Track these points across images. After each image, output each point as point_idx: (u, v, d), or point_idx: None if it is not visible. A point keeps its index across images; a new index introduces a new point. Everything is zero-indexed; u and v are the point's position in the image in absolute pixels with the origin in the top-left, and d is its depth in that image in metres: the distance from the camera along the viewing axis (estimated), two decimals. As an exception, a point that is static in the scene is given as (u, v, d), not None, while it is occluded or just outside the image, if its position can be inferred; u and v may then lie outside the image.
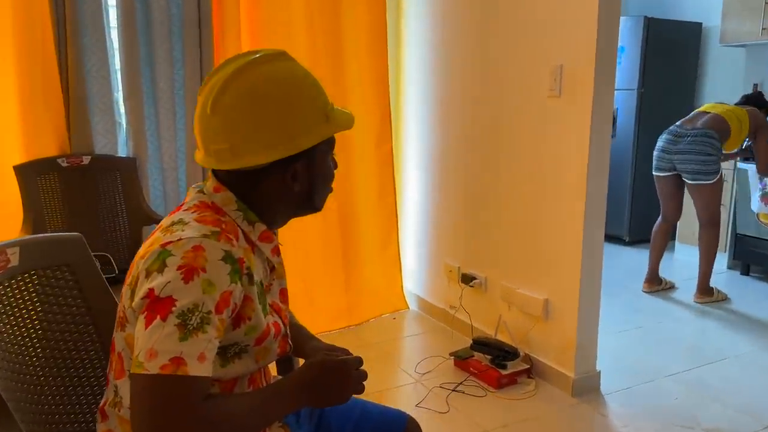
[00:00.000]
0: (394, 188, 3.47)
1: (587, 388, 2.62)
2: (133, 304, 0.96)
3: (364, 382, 1.12)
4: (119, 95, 2.89)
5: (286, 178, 1.08)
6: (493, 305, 3.01)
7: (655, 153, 3.80)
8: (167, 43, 2.88)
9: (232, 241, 1.01)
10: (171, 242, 0.97)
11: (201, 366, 0.91)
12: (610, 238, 5.21)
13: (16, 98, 2.67)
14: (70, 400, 1.25)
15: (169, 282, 0.93)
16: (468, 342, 2.89)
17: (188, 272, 0.93)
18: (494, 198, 2.95)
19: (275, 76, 1.05)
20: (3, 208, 2.65)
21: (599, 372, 2.67)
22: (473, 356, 2.82)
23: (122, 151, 2.90)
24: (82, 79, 2.77)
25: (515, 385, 2.68)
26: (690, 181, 3.66)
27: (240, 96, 1.03)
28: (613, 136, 4.95)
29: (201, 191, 1.11)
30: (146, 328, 0.91)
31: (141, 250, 1.03)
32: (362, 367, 1.13)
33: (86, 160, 2.79)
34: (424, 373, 2.80)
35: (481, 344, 2.81)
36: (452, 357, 2.87)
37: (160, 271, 0.94)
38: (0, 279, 1.17)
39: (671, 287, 3.98)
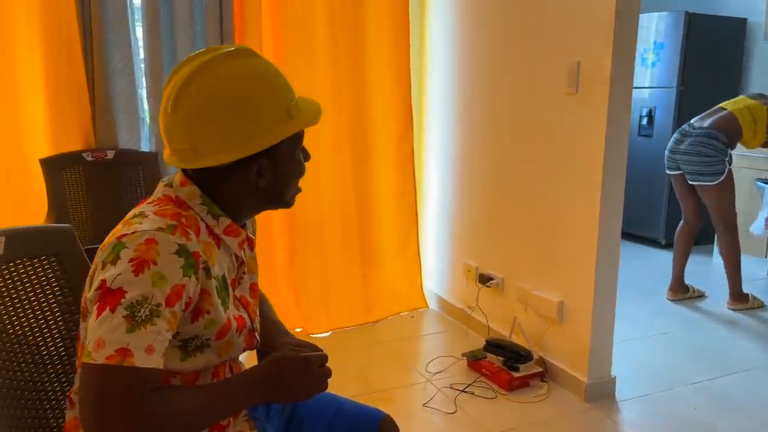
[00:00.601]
0: (415, 187, 3.45)
1: (601, 393, 2.55)
2: (89, 294, 0.98)
3: (329, 380, 1.11)
4: (143, 92, 2.96)
5: (251, 174, 1.08)
6: (509, 306, 2.96)
7: (665, 152, 3.70)
8: (190, 42, 2.93)
9: (189, 235, 1.01)
10: (126, 234, 0.98)
11: (148, 358, 0.92)
12: (646, 240, 5.08)
13: (43, 94, 2.77)
14: (52, 386, 1.29)
15: (120, 274, 0.94)
16: (483, 343, 2.86)
17: (139, 264, 0.95)
18: (512, 197, 2.91)
19: (234, 74, 1.05)
20: (29, 200, 2.75)
21: (614, 377, 2.60)
22: (486, 357, 2.78)
23: (145, 146, 2.98)
24: (107, 76, 2.85)
25: (527, 388, 2.64)
26: (692, 182, 3.55)
27: (199, 96, 1.03)
28: (650, 135, 4.83)
29: (169, 185, 1.12)
30: (97, 318, 0.92)
31: (104, 242, 1.05)
32: (327, 365, 1.12)
33: (110, 154, 2.87)
34: (435, 373, 2.78)
35: (494, 345, 2.77)
36: (465, 357, 2.84)
37: (114, 263, 0.96)
38: (-17, 267, 1.21)
39: (699, 296, 3.81)
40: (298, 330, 3.20)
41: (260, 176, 1.09)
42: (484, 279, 3.09)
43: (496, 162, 3.00)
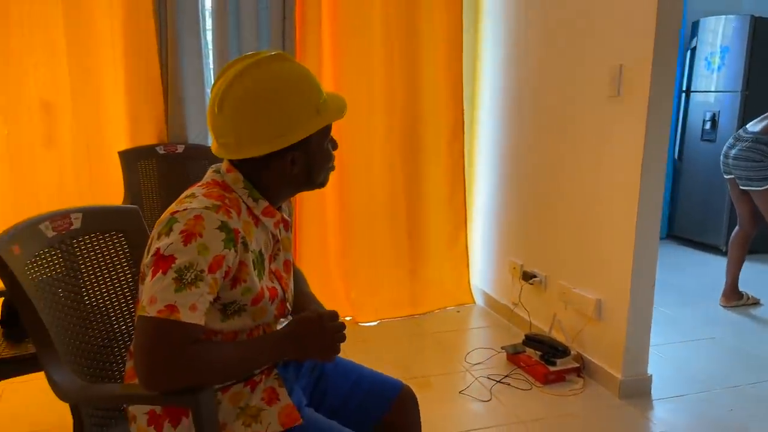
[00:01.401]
0: (464, 186, 3.57)
1: (636, 391, 2.60)
2: (146, 260, 1.18)
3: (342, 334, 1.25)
4: (210, 90, 3.20)
5: (286, 163, 1.25)
6: (550, 303, 3.04)
7: (720, 156, 3.67)
8: (254, 46, 3.15)
9: (230, 214, 1.19)
10: (178, 211, 1.17)
11: (191, 314, 1.10)
12: (706, 247, 4.98)
13: (123, 93, 3.05)
14: (117, 343, 1.50)
15: (172, 243, 1.13)
16: (523, 337, 2.94)
17: (187, 236, 1.13)
18: (555, 197, 2.98)
19: (268, 78, 1.22)
20: (108, 188, 3.04)
21: (650, 376, 2.64)
22: (525, 351, 2.87)
23: (211, 142, 3.22)
24: (180, 76, 3.11)
25: (563, 382, 2.71)
26: (743, 188, 3.52)
27: (239, 98, 1.21)
28: (713, 140, 4.76)
29: (217, 171, 1.30)
30: (151, 279, 1.11)
31: (161, 217, 1.24)
32: (340, 321, 1.26)
33: (180, 148, 3.13)
34: (474, 364, 2.89)
35: (532, 340, 2.86)
36: (504, 350, 2.94)
37: (167, 234, 1.15)
38: (64, 238, 1.43)
39: (754, 303, 3.75)
40: (347, 318, 3.38)
41: (294, 165, 1.26)
42: (528, 276, 3.18)
43: (541, 162, 3.09)
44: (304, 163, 1.27)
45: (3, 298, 2.08)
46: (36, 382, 2.62)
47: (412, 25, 3.32)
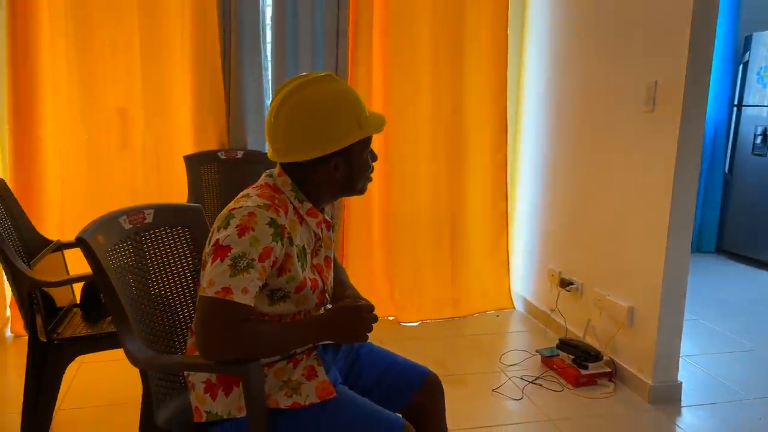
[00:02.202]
0: (506, 195, 3.70)
1: (665, 397, 2.68)
2: (206, 250, 1.38)
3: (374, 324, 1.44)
4: (269, 101, 3.45)
5: (330, 168, 1.45)
6: (585, 309, 3.14)
7: None
8: (309, 60, 3.38)
9: (279, 212, 1.39)
10: (235, 208, 1.37)
11: (243, 296, 1.30)
12: (757, 262, 4.91)
13: (190, 102, 3.33)
14: (180, 324, 1.72)
15: (229, 235, 1.33)
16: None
17: (242, 230, 1.33)
18: (593, 207, 3.09)
19: (318, 95, 1.42)
20: (173, 189, 3.31)
21: (680, 383, 2.71)
22: (558, 355, 2.98)
23: (268, 148, 3.46)
24: (241, 87, 3.36)
25: (594, 385, 2.81)
26: None
27: (292, 110, 1.41)
28: (763, 154, 4.75)
29: (270, 175, 1.51)
30: (211, 265, 1.32)
31: (221, 213, 1.45)
32: (375, 313, 1.44)
33: (240, 154, 3.38)
34: (509, 365, 3.02)
35: (566, 344, 2.97)
36: (538, 353, 3.05)
37: (225, 227, 1.35)
38: (138, 230, 1.66)
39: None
40: (390, 318, 3.55)
41: (336, 170, 1.45)
42: (565, 283, 3.28)
43: (580, 173, 3.19)
44: (345, 169, 1.46)
45: (82, 285, 2.36)
46: (106, 363, 2.93)
47: (458, 43, 3.49)
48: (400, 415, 1.52)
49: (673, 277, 2.61)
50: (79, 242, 1.44)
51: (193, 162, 3.31)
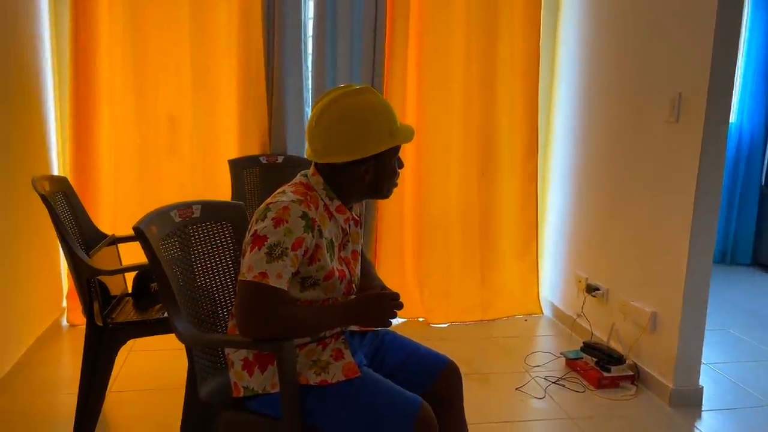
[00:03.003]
0: (536, 203, 3.80)
1: (686, 400, 2.74)
2: (246, 239, 1.55)
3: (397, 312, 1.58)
4: (308, 109, 3.64)
5: (361, 171, 1.61)
6: (610, 314, 3.22)
7: None
8: (348, 70, 3.56)
9: (310, 207, 1.55)
10: (272, 203, 1.54)
11: (278, 281, 1.46)
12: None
13: (234, 110, 3.54)
14: (222, 309, 1.89)
15: (265, 227, 1.50)
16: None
17: (277, 222, 1.49)
18: (618, 215, 3.17)
19: (355, 106, 1.58)
20: (217, 191, 3.51)
21: (701, 387, 2.77)
22: (582, 358, 3.07)
23: (307, 154, 3.64)
24: (282, 96, 3.55)
25: (616, 388, 2.89)
26: None
27: (332, 117, 1.58)
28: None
29: (304, 174, 1.67)
30: (249, 252, 1.49)
31: (259, 207, 1.61)
32: (400, 301, 1.59)
33: (280, 159, 3.57)
34: (533, 366, 3.12)
35: (590, 347, 3.05)
36: (563, 356, 3.14)
37: (262, 220, 1.52)
38: (186, 224, 1.84)
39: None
40: (420, 319, 3.68)
41: (367, 173, 1.61)
42: (591, 289, 3.36)
43: (606, 181, 3.28)
44: (374, 173, 1.62)
45: (134, 276, 2.57)
46: (152, 353, 3.15)
47: (491, 56, 3.62)
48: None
49: (694, 283, 2.68)
50: (136, 231, 1.62)
51: (237, 166, 3.50)
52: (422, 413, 1.52)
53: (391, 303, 1.57)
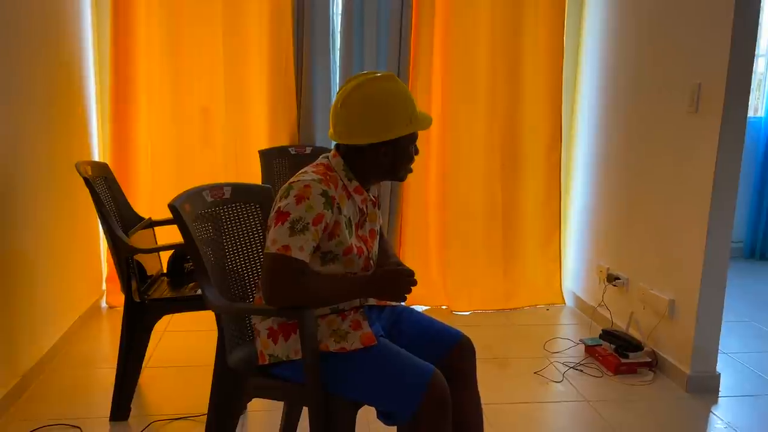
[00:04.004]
0: (560, 193, 3.85)
1: (703, 387, 2.78)
2: (271, 215, 1.67)
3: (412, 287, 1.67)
4: (336, 102, 3.75)
5: (379, 154, 1.71)
6: (630, 303, 3.26)
7: None
8: (374, 60, 3.66)
9: (330, 186, 1.66)
10: (294, 182, 1.65)
11: (300, 253, 1.57)
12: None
13: (265, 102, 3.67)
14: (249, 285, 2.01)
15: (288, 203, 1.61)
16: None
17: (299, 199, 1.61)
18: (639, 205, 3.21)
19: (378, 91, 1.68)
20: (249, 180, 3.64)
21: (719, 374, 2.80)
22: (601, 344, 3.12)
23: (334, 145, 3.77)
24: (311, 89, 3.67)
25: (634, 374, 2.94)
26: None
27: (357, 102, 1.68)
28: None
29: (326, 156, 1.78)
30: (274, 227, 1.60)
31: (283, 186, 1.72)
32: (415, 278, 1.68)
33: (308, 150, 3.70)
34: (553, 352, 3.18)
35: (609, 334, 3.11)
36: (582, 342, 3.20)
37: (286, 197, 1.63)
38: (218, 203, 1.97)
39: None
40: (443, 307, 3.77)
41: (385, 157, 1.71)
42: (612, 278, 3.41)
43: (627, 172, 3.32)
44: (392, 157, 1.72)
45: (169, 257, 2.72)
46: (185, 333, 3.31)
47: (515, 49, 3.69)
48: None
49: (712, 270, 2.71)
50: (171, 208, 1.75)
51: (267, 156, 3.64)
52: (434, 379, 1.61)
53: (407, 279, 1.66)
